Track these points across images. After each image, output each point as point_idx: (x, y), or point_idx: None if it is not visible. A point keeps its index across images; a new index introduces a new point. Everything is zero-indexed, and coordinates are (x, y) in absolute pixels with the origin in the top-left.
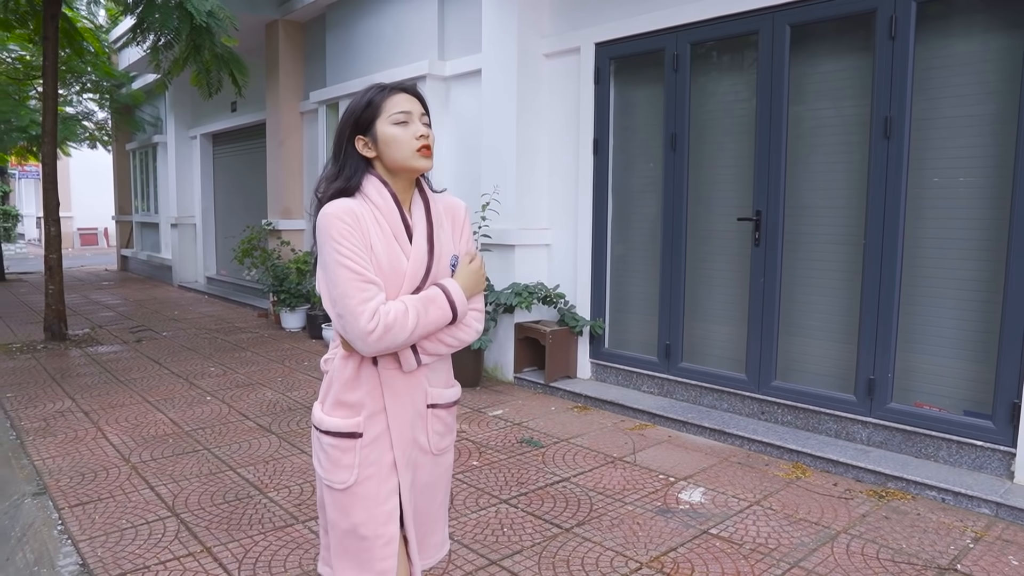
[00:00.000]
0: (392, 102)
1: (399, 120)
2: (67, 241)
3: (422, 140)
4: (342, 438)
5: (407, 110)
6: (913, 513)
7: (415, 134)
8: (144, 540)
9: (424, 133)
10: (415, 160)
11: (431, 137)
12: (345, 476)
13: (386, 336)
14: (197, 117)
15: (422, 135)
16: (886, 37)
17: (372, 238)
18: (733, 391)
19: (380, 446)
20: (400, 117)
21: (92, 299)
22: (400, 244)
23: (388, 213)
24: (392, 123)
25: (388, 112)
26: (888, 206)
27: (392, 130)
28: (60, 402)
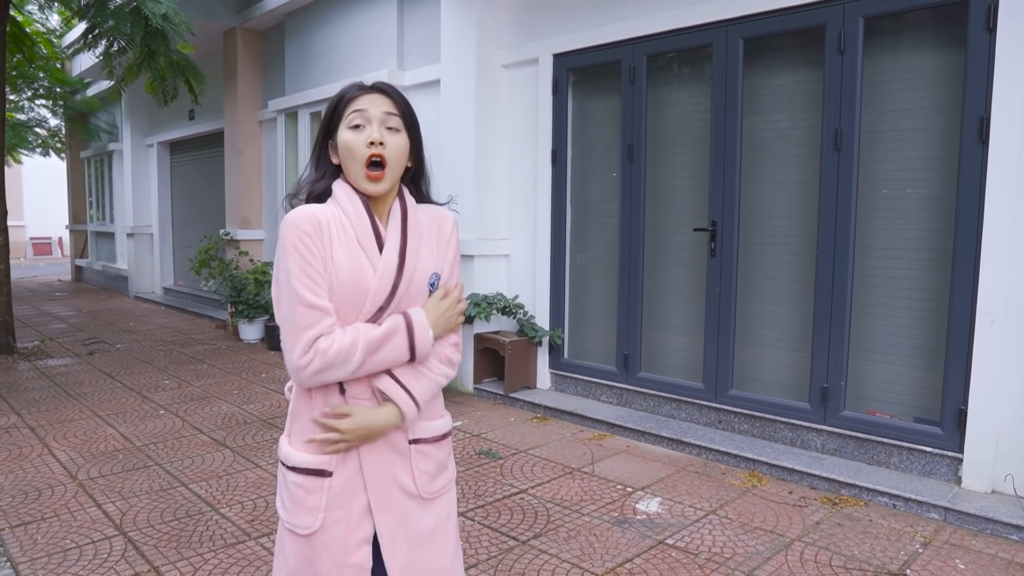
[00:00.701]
0: (355, 103)
1: (353, 123)
2: (20, 250)
3: (372, 148)
4: (309, 475)
5: (363, 109)
6: (865, 519)
7: (367, 139)
8: (88, 560)
9: (376, 138)
10: (361, 179)
11: (389, 146)
12: (309, 520)
13: (323, 373)
14: (154, 125)
15: (373, 141)
16: (835, 51)
17: (335, 248)
18: (691, 400)
19: (352, 487)
20: (355, 119)
21: (43, 310)
22: (368, 256)
23: (358, 221)
24: (348, 127)
25: (347, 113)
26: (839, 216)
27: (346, 136)
28: (5, 417)
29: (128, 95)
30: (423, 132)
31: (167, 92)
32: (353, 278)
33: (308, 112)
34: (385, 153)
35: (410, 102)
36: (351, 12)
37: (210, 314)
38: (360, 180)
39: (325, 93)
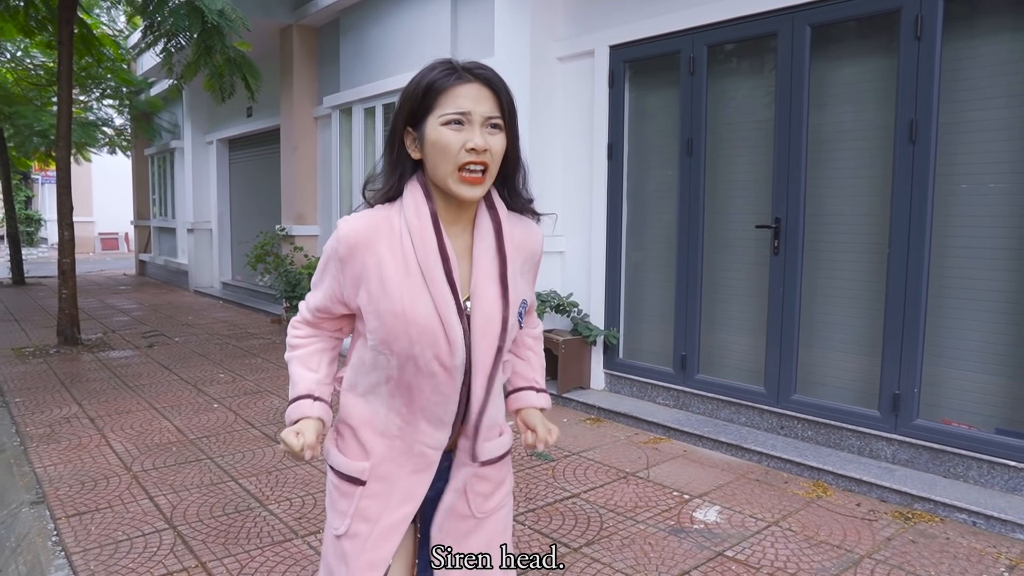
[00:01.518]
0: (452, 95)
1: (449, 121)
2: (88, 245)
3: (472, 155)
4: (343, 480)
5: (465, 110)
6: (942, 537)
7: (466, 144)
8: (138, 553)
9: (479, 145)
10: (453, 182)
11: (491, 151)
12: (338, 522)
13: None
14: (213, 123)
15: (474, 147)
16: (911, 37)
17: (385, 271)
18: (751, 404)
19: (382, 504)
20: (452, 118)
21: (108, 303)
22: (428, 281)
23: (420, 238)
24: (442, 123)
25: (442, 108)
26: (914, 213)
27: (439, 133)
28: (67, 408)
29: (189, 94)
30: None
31: (224, 89)
32: (404, 307)
33: (362, 108)
34: (488, 160)
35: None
36: (405, 7)
37: (266, 309)
38: (452, 183)
39: (379, 88)
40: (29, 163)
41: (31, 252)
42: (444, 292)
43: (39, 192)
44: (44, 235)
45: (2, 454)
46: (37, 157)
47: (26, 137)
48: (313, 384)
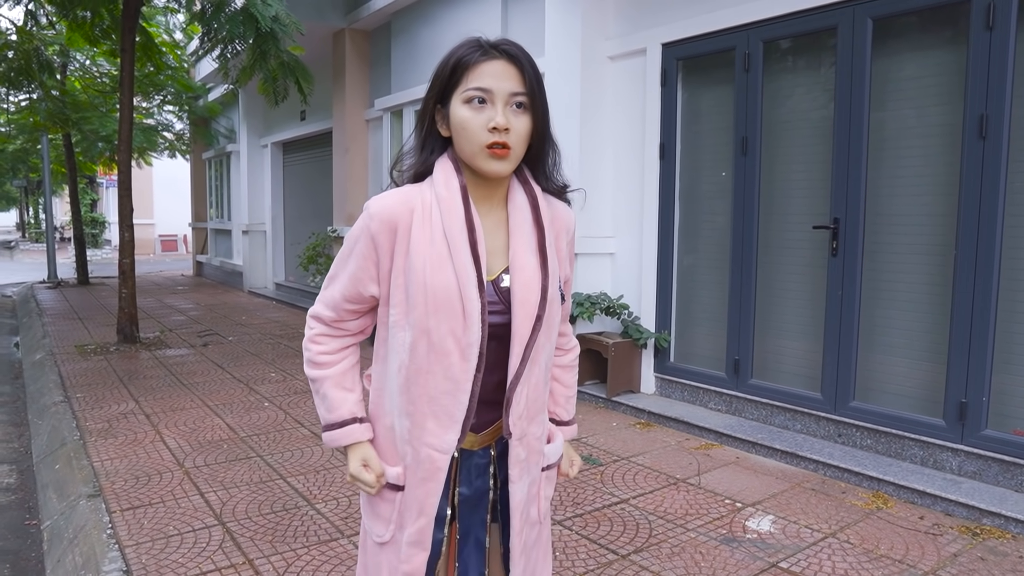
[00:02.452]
0: (476, 72)
1: (471, 98)
2: (148, 247)
3: (494, 135)
4: (386, 486)
5: (487, 87)
6: (1014, 555)
7: (488, 123)
8: (188, 548)
9: (500, 124)
10: (481, 159)
11: (514, 131)
12: (381, 529)
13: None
14: (268, 126)
15: (496, 126)
16: (982, 28)
17: (412, 240)
18: (807, 411)
19: (415, 509)
20: (473, 94)
21: (166, 303)
22: (452, 251)
23: (448, 209)
24: (463, 101)
25: (465, 85)
26: (984, 212)
27: (462, 112)
28: (124, 404)
29: (244, 98)
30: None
31: (278, 93)
32: (434, 281)
33: (413, 110)
34: (510, 139)
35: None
36: (456, 8)
37: None
38: (479, 160)
39: None
40: (94, 167)
41: (95, 253)
42: (466, 264)
43: (103, 195)
44: (108, 237)
45: (63, 448)
46: (102, 161)
47: (92, 142)
48: (355, 405)
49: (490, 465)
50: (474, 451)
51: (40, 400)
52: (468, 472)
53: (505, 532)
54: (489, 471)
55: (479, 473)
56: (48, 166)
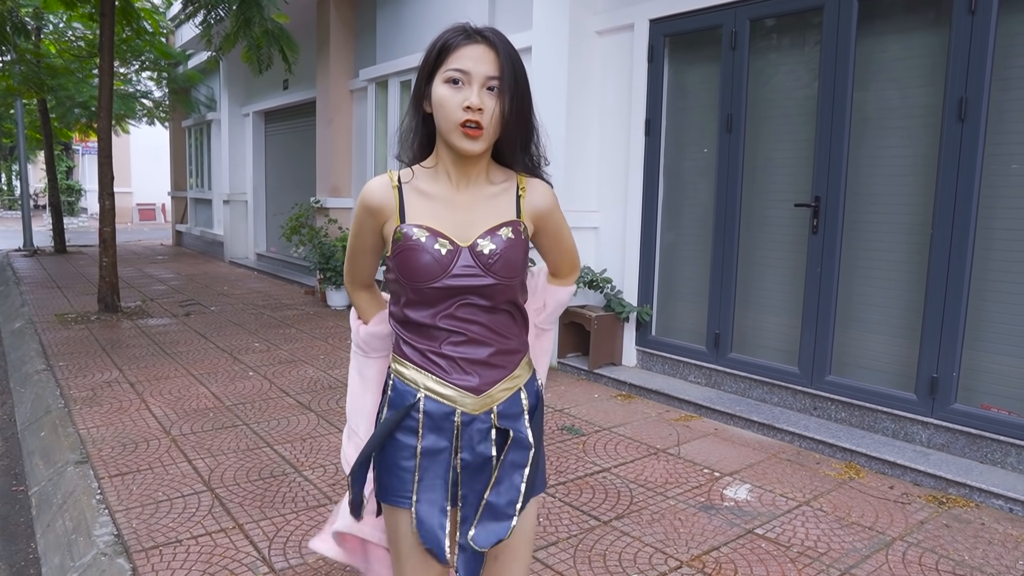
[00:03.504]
0: (457, 55)
1: (450, 78)
2: (126, 216)
3: (467, 113)
4: None
5: (464, 69)
6: (977, 522)
7: (463, 102)
8: (178, 514)
9: (473, 103)
10: (455, 136)
11: (487, 111)
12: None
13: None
14: (250, 95)
15: (469, 105)
16: (965, 11)
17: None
18: (784, 384)
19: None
20: (452, 75)
21: (146, 272)
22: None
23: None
24: (443, 80)
25: (446, 66)
26: (960, 194)
27: (441, 91)
28: (108, 372)
29: (226, 66)
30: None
31: (262, 61)
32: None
33: (398, 81)
34: (483, 119)
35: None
36: None
37: (300, 280)
38: (453, 137)
39: (415, 62)
40: (70, 134)
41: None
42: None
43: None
44: (84, 205)
45: (48, 415)
46: (78, 128)
47: (68, 108)
48: None
49: (491, 430)
50: (475, 414)
51: (22, 368)
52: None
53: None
54: (491, 436)
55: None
56: (23, 132)
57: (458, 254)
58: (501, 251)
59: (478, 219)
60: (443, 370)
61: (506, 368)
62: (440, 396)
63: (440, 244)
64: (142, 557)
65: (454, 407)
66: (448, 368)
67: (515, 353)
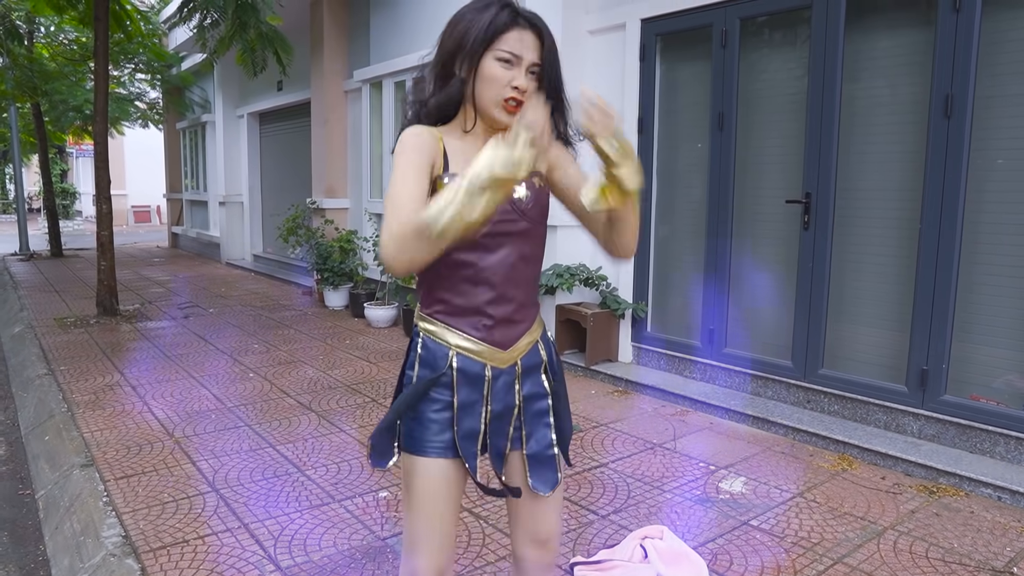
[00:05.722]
0: (509, 36)
1: (503, 58)
2: (121, 218)
3: (515, 92)
4: None
5: (518, 54)
6: (966, 511)
7: (511, 80)
8: (184, 514)
9: (520, 85)
10: (497, 110)
11: (528, 93)
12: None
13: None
14: (244, 96)
15: (517, 87)
16: (950, 9)
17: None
18: (778, 378)
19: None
20: (506, 55)
21: (143, 275)
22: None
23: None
24: (496, 58)
25: (500, 45)
26: (947, 188)
27: (493, 67)
28: (109, 376)
29: (220, 68)
30: None
31: (256, 63)
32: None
33: (392, 82)
34: (525, 99)
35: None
36: None
37: (297, 281)
38: (493, 109)
39: (409, 63)
40: (64, 137)
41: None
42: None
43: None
44: (79, 208)
45: (51, 419)
46: (72, 131)
47: (62, 112)
48: None
49: (516, 381)
50: (503, 368)
51: (23, 373)
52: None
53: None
54: (515, 388)
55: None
56: (17, 135)
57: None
58: (534, 196)
59: None
60: (476, 328)
61: (527, 322)
62: (471, 353)
63: None
64: (150, 557)
65: (484, 362)
66: (480, 326)
67: (534, 307)
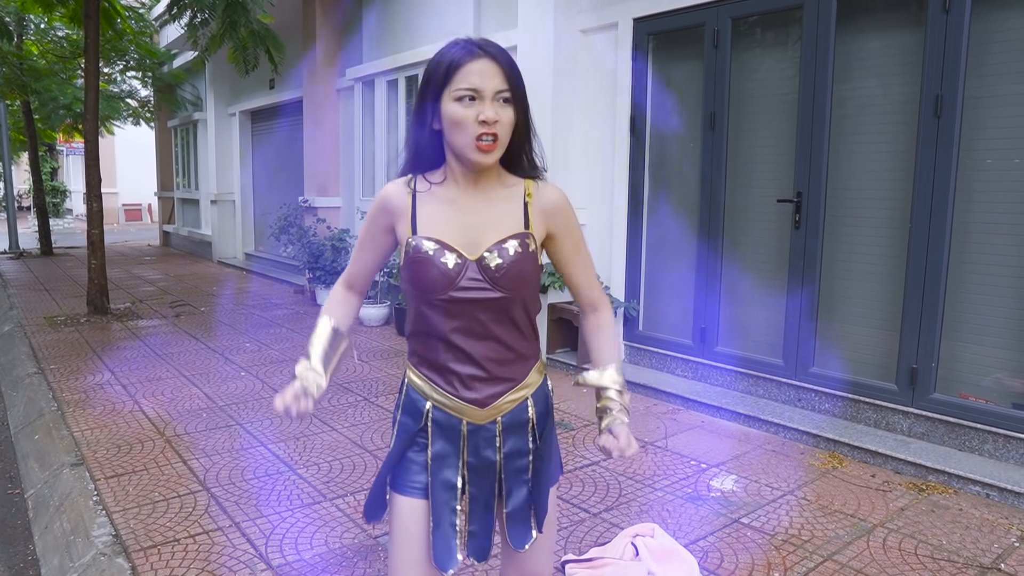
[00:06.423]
0: (465, 72)
1: (462, 96)
2: (112, 217)
3: (483, 127)
4: None
5: (476, 87)
6: (955, 508)
7: (478, 116)
8: (175, 513)
9: (489, 117)
10: (470, 150)
11: (501, 122)
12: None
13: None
14: (236, 94)
15: (487, 120)
16: (940, 10)
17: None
18: (769, 377)
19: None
20: (463, 93)
21: (134, 274)
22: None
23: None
24: (455, 98)
25: (455, 85)
26: (936, 188)
27: (453, 108)
28: (100, 374)
29: (212, 65)
30: None
31: (248, 61)
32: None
33: (385, 80)
34: (499, 131)
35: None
36: None
37: (289, 279)
38: (468, 151)
39: (401, 61)
40: (54, 135)
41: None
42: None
43: (64, 163)
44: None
45: (41, 418)
46: (62, 129)
47: (52, 110)
48: None
49: (496, 438)
50: (480, 424)
51: (12, 372)
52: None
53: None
54: (496, 444)
55: (486, 445)
56: (6, 133)
57: (466, 267)
58: (508, 265)
59: (488, 226)
60: (450, 384)
61: (514, 380)
62: (447, 408)
63: (448, 257)
64: (141, 556)
65: (461, 418)
66: (454, 383)
67: (524, 362)
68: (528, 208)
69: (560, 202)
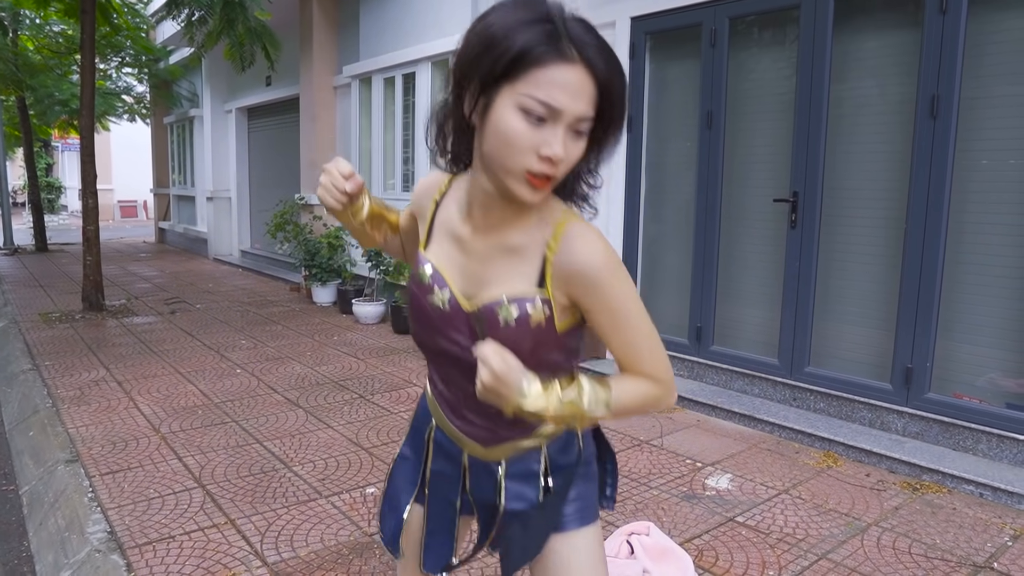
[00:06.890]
0: (546, 76)
1: (530, 109)
2: (108, 213)
3: (543, 164)
4: None
5: (555, 106)
6: (949, 507)
7: (540, 147)
8: (170, 510)
9: (556, 156)
10: (514, 181)
11: (567, 161)
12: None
13: None
14: (233, 91)
15: (552, 158)
16: (936, 11)
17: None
18: (765, 376)
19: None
20: (535, 108)
21: (129, 270)
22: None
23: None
24: (518, 107)
25: (525, 88)
26: (932, 188)
27: (510, 119)
28: (95, 371)
29: (208, 62)
30: None
31: (245, 58)
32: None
33: (382, 78)
34: (558, 172)
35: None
36: None
37: (285, 277)
38: (511, 180)
39: (399, 59)
40: (50, 131)
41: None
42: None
43: (59, 159)
44: (64, 202)
45: (36, 415)
46: (58, 125)
47: (47, 106)
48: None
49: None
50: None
51: (7, 368)
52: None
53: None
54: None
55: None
56: (1, 129)
57: (456, 318)
58: (501, 335)
59: (491, 277)
60: (449, 410)
61: (518, 432)
62: (450, 434)
63: (440, 298)
64: (136, 553)
65: (461, 447)
66: (451, 413)
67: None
68: (547, 266)
69: (587, 268)
